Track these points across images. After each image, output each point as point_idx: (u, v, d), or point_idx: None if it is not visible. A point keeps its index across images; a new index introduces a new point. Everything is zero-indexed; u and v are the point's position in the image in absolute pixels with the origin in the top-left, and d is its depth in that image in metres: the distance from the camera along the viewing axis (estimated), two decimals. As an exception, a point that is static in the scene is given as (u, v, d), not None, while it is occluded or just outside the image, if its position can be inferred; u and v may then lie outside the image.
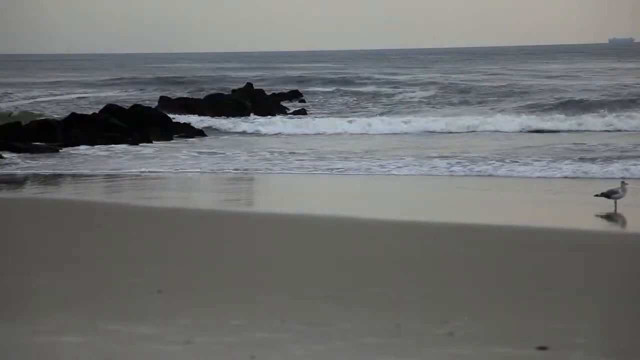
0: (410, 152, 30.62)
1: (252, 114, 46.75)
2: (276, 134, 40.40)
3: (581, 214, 17.87)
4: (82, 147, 34.53)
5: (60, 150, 33.28)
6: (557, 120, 40.71)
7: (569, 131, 38.67)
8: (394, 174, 24.75)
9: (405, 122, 41.46)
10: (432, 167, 25.62)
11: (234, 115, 45.80)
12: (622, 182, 18.08)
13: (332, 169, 25.90)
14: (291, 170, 26.26)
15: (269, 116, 46.57)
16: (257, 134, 40.78)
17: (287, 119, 44.78)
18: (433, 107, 53.17)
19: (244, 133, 40.98)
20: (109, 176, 25.32)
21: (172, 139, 37.96)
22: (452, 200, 20.64)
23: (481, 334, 8.32)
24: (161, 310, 9.22)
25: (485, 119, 41.54)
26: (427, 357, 7.47)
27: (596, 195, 17.99)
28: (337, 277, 11.29)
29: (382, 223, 16.41)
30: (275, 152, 31.45)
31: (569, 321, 8.94)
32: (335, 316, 9.03)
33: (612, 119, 40.00)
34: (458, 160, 26.83)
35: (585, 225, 16.38)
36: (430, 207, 19.59)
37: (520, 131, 39.04)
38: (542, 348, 7.76)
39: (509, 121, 40.71)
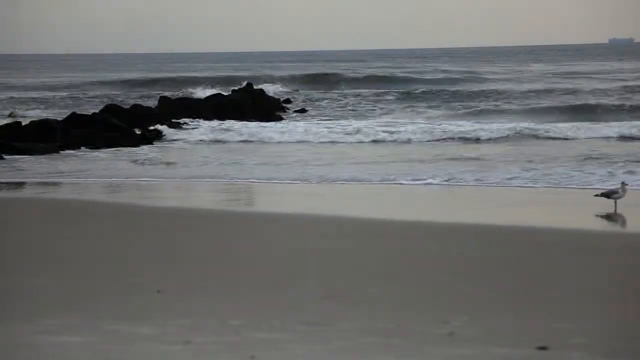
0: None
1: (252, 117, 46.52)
2: (300, 142, 38.76)
3: (581, 214, 17.87)
4: (83, 149, 34.07)
5: (60, 152, 32.92)
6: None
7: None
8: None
9: (411, 123, 40.57)
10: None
11: (234, 116, 45.70)
12: (623, 183, 18.08)
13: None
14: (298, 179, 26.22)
15: (274, 121, 46.28)
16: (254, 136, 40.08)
17: (298, 123, 43.41)
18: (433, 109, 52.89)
19: (244, 136, 40.27)
20: (110, 183, 25.30)
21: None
22: (451, 200, 20.64)
23: (481, 334, 8.32)
24: (161, 310, 9.22)
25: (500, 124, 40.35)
26: (427, 357, 7.47)
27: (596, 195, 17.99)
28: (337, 277, 11.29)
29: (382, 223, 16.41)
30: (286, 157, 31.28)
31: (569, 321, 8.94)
32: (335, 316, 9.03)
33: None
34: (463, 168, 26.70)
35: (585, 225, 16.38)
36: (430, 207, 19.59)
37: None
38: (542, 348, 7.76)
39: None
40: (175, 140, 37.19)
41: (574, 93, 56.87)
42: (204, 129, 40.47)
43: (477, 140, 35.53)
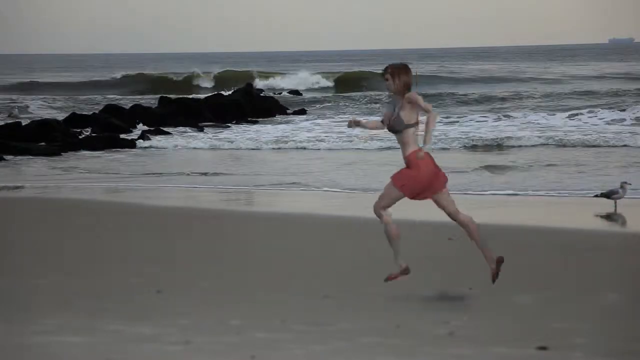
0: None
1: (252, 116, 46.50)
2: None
3: (581, 214, 17.87)
4: (83, 149, 33.76)
5: (61, 153, 32.69)
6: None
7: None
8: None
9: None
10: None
11: (234, 117, 45.71)
12: (623, 183, 18.07)
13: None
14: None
15: (272, 117, 46.29)
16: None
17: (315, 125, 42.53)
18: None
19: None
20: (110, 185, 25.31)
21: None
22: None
23: (481, 334, 8.32)
24: (161, 310, 9.22)
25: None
26: (427, 357, 7.46)
27: (596, 196, 17.99)
28: (337, 277, 11.29)
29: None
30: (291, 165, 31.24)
31: (569, 321, 8.94)
32: (335, 316, 9.03)
33: None
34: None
35: (585, 225, 16.37)
36: (430, 207, 19.57)
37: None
38: (542, 348, 7.75)
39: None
40: (173, 144, 36.81)
41: (581, 95, 56.49)
42: (202, 133, 40.22)
43: (478, 145, 34.90)
